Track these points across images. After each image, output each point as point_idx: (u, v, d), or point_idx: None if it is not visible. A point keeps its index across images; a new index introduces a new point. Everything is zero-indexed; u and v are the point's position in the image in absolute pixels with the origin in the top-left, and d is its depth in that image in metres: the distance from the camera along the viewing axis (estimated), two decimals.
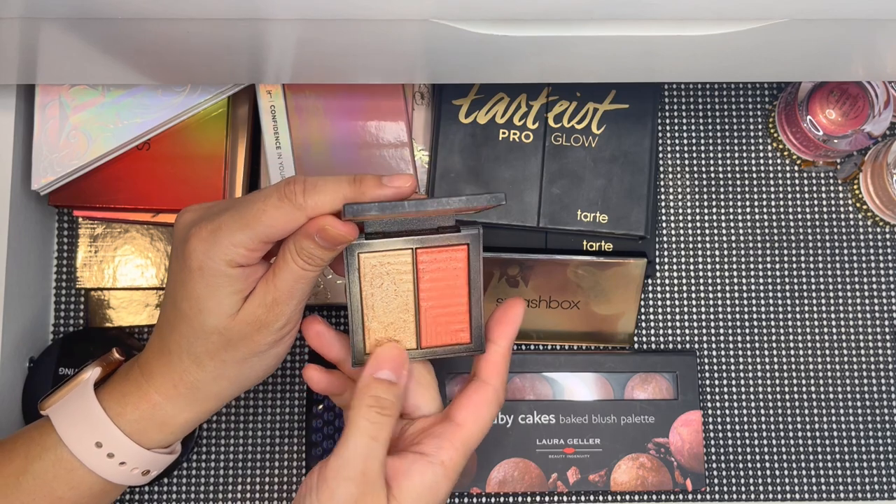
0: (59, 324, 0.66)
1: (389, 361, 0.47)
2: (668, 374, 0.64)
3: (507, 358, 0.49)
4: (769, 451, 0.65)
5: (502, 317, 0.50)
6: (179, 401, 0.48)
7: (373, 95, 0.63)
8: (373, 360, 0.47)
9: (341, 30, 0.44)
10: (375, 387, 0.46)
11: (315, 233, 0.44)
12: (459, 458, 0.47)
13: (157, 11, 0.41)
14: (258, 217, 0.44)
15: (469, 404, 0.48)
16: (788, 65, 0.52)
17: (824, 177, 0.68)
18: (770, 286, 0.67)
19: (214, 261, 0.45)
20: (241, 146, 0.63)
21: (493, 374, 0.49)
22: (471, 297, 0.48)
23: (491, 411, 0.48)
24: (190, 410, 0.49)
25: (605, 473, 0.63)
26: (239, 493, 0.64)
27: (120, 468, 0.48)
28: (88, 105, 0.60)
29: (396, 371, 0.47)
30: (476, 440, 0.48)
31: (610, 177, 0.63)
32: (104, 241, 0.64)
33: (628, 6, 0.41)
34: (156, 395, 0.48)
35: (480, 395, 0.48)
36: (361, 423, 0.45)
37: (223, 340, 0.46)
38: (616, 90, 0.64)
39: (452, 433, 0.47)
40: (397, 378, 0.47)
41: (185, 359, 0.47)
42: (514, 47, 0.46)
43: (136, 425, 0.48)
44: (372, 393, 0.46)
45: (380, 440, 0.45)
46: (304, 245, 0.45)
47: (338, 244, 0.45)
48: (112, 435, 0.48)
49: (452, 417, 0.48)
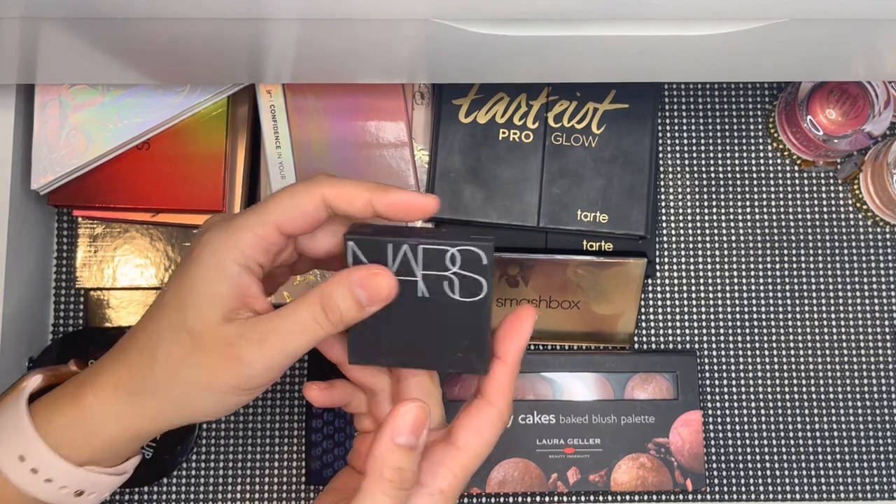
0: (59, 323, 0.66)
1: (412, 424, 0.42)
2: (669, 374, 0.64)
3: (513, 377, 0.45)
4: (769, 451, 0.65)
5: (511, 329, 0.45)
6: (113, 406, 0.43)
7: (373, 95, 0.63)
8: (394, 423, 0.42)
9: (341, 30, 0.44)
10: (398, 457, 0.42)
11: (358, 283, 0.41)
12: (459, 483, 0.44)
13: (157, 11, 0.41)
14: (274, 200, 0.41)
15: (472, 426, 0.45)
16: (788, 65, 0.52)
17: (824, 177, 0.68)
18: (770, 286, 0.67)
19: (221, 250, 0.41)
20: (241, 146, 0.63)
21: (498, 395, 0.45)
22: None
23: (494, 433, 0.45)
24: (119, 422, 0.43)
25: (605, 473, 0.63)
26: (239, 493, 0.64)
27: (46, 486, 0.43)
28: (88, 105, 0.60)
29: (417, 433, 0.43)
30: (477, 463, 0.45)
31: (610, 177, 0.63)
32: (104, 240, 0.64)
33: (628, 6, 0.41)
34: (91, 396, 0.43)
35: (484, 417, 0.45)
36: (379, 498, 0.41)
37: (190, 345, 0.41)
38: (616, 90, 0.64)
39: (452, 458, 0.44)
40: (417, 441, 0.43)
41: (142, 353, 0.43)
42: (515, 47, 0.46)
43: (64, 434, 0.43)
44: (393, 465, 0.42)
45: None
46: (338, 294, 0.41)
47: (382, 301, 0.41)
48: (34, 447, 0.42)
49: (453, 440, 0.44)
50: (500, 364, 0.45)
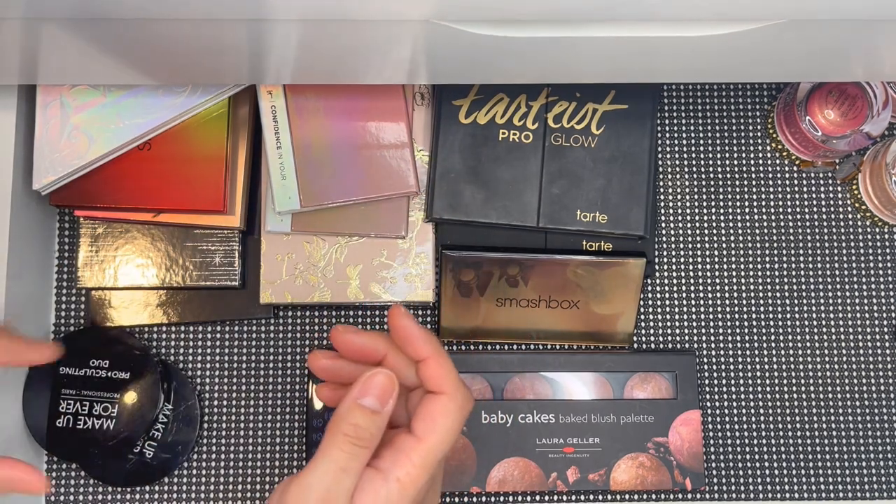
0: (60, 323, 0.66)
1: (377, 389, 0.45)
2: (668, 373, 0.64)
3: (445, 363, 0.46)
4: (768, 450, 0.65)
5: (409, 336, 0.47)
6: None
7: (373, 96, 0.63)
8: (360, 384, 0.45)
9: (342, 30, 0.45)
10: (357, 414, 0.44)
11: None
12: (418, 472, 0.44)
13: (158, 12, 0.41)
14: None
15: (426, 416, 0.45)
16: (788, 65, 0.53)
17: (823, 177, 0.68)
18: (768, 286, 0.67)
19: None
20: (242, 146, 0.63)
21: (439, 383, 0.46)
22: None
23: (451, 419, 0.45)
24: None
25: (604, 473, 0.63)
26: (239, 493, 0.64)
27: None
28: (90, 105, 0.60)
29: (382, 401, 0.44)
30: (440, 451, 0.44)
31: (609, 177, 0.63)
32: (105, 240, 0.64)
33: (628, 7, 0.42)
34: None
35: (437, 405, 0.45)
36: (334, 452, 0.43)
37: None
38: (615, 90, 0.64)
39: (411, 447, 0.44)
40: (381, 408, 0.44)
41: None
42: (515, 48, 0.46)
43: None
44: (352, 420, 0.43)
45: (349, 472, 0.43)
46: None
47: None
48: None
49: (413, 430, 0.45)
50: (426, 360, 0.46)
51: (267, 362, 0.66)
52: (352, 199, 0.62)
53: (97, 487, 0.64)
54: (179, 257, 0.64)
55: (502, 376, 0.64)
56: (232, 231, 0.64)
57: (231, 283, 0.64)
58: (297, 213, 0.63)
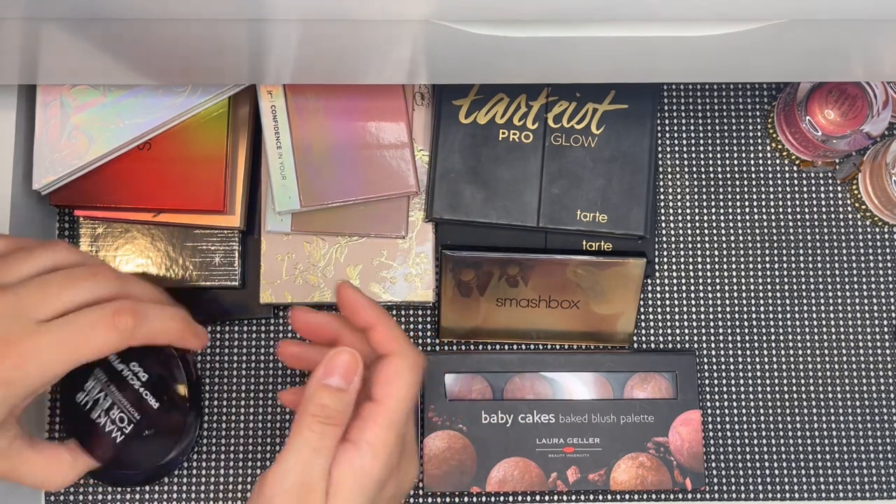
0: None
1: (341, 368, 0.46)
2: (668, 373, 0.64)
3: (391, 326, 0.49)
4: (769, 450, 0.65)
5: (354, 304, 0.49)
6: None
7: (373, 96, 0.63)
8: (323, 365, 0.46)
9: (342, 30, 0.45)
10: (323, 394, 0.45)
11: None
12: (385, 434, 0.45)
13: (158, 12, 0.41)
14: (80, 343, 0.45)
15: (382, 379, 0.47)
16: (788, 65, 0.53)
17: (823, 177, 0.68)
18: (769, 286, 0.67)
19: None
20: (242, 146, 0.63)
21: (388, 345, 0.48)
22: None
23: (406, 378, 0.47)
24: None
25: (604, 472, 0.63)
26: (239, 493, 0.64)
27: None
28: (90, 105, 0.60)
29: (347, 378, 0.46)
30: (402, 412, 0.46)
31: (609, 177, 0.63)
32: (105, 240, 0.64)
33: (628, 7, 0.42)
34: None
35: (390, 367, 0.47)
36: (304, 433, 0.44)
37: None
38: (615, 90, 0.64)
39: (375, 412, 0.46)
40: (347, 385, 0.46)
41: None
42: (514, 48, 0.46)
43: None
44: (318, 401, 0.45)
45: (322, 451, 0.44)
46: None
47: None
48: None
49: (373, 395, 0.47)
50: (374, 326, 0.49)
51: (267, 362, 0.66)
52: (352, 199, 0.62)
53: (97, 487, 0.64)
54: (179, 257, 0.64)
55: (502, 376, 0.64)
56: (232, 231, 0.64)
57: (231, 283, 0.64)
58: (297, 213, 0.63)
